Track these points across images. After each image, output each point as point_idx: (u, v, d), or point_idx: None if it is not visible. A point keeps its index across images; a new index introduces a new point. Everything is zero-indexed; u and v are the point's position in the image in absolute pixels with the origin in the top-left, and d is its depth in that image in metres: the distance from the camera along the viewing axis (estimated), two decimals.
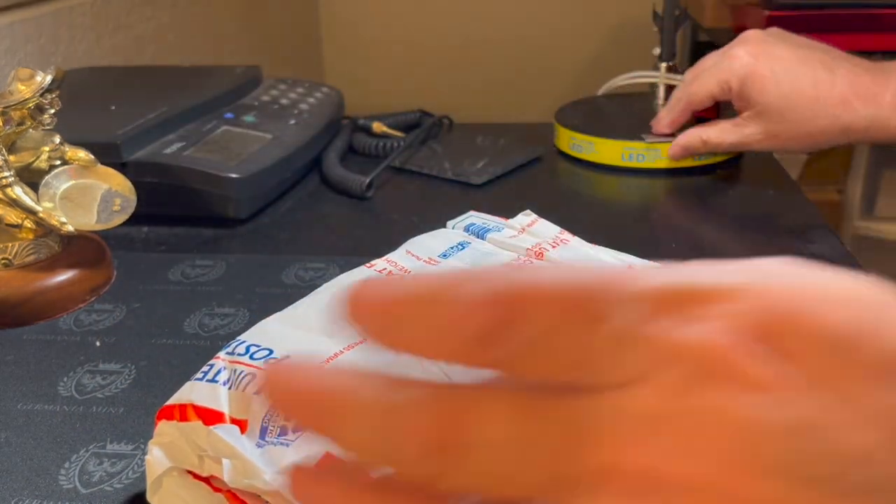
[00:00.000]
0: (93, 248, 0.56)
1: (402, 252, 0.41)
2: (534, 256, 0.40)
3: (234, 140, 0.69)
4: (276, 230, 0.65)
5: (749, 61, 0.65)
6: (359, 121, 0.85)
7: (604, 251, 0.42)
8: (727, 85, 0.66)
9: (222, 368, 0.32)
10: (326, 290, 0.38)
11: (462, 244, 0.41)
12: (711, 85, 0.67)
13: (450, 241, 0.41)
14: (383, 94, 1.57)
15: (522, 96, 1.69)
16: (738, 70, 0.65)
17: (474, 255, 0.40)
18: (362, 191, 0.70)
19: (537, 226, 0.43)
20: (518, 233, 0.42)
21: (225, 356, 0.33)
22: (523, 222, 0.43)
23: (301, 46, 1.64)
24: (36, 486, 0.37)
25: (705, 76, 0.68)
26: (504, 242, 0.41)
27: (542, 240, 0.42)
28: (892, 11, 0.96)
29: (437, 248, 0.40)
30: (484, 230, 0.43)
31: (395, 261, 0.40)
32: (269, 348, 0.33)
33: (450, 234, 0.42)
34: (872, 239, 1.17)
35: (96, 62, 0.91)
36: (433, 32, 1.71)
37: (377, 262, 0.40)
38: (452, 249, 0.40)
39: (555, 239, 0.42)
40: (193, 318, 0.51)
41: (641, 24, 1.03)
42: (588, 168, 0.77)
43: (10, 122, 0.50)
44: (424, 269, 0.38)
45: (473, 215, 0.45)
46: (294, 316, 0.36)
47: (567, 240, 0.42)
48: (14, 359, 0.47)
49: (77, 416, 0.42)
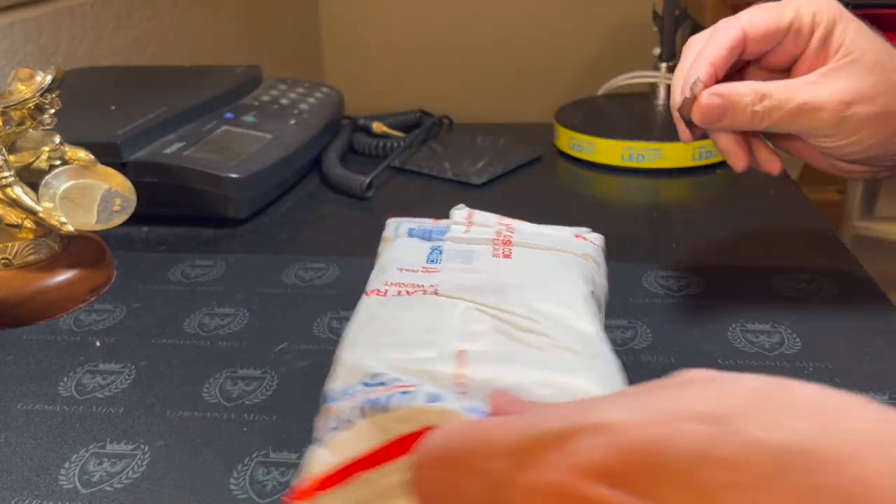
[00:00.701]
0: (93, 248, 0.56)
1: (393, 269, 0.39)
2: (502, 244, 0.42)
3: (234, 140, 0.69)
4: (276, 230, 0.65)
5: (834, 4, 0.46)
6: (359, 121, 0.85)
7: (545, 227, 0.44)
8: (807, 18, 0.44)
9: (344, 412, 0.29)
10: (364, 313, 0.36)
11: (437, 249, 0.41)
12: (776, 14, 0.45)
13: (421, 248, 0.41)
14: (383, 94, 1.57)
15: (522, 96, 1.69)
16: (823, 4, 0.45)
17: (460, 255, 0.40)
18: (362, 191, 0.70)
19: (477, 216, 0.44)
20: (467, 227, 0.43)
21: (341, 403, 0.29)
22: (463, 216, 0.44)
23: (301, 46, 1.64)
24: (36, 486, 0.37)
25: (750, 12, 0.46)
26: (470, 238, 0.42)
27: (493, 228, 0.43)
28: (892, 11, 0.96)
29: (417, 258, 0.40)
30: (436, 231, 0.43)
31: (396, 281, 0.38)
32: (394, 377, 0.30)
33: (413, 243, 0.42)
34: (872, 239, 1.17)
35: (96, 62, 0.91)
36: (433, 32, 1.70)
37: (375, 286, 0.38)
38: (434, 254, 0.40)
39: (500, 225, 0.43)
40: (193, 318, 0.51)
41: (641, 24, 1.04)
42: (588, 168, 0.77)
43: (10, 122, 0.50)
44: (432, 279, 0.37)
45: (404, 221, 0.45)
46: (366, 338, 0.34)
47: (509, 223, 0.44)
48: (14, 359, 0.47)
49: (77, 416, 0.42)
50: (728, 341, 0.46)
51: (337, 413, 0.29)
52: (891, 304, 0.50)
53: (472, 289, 0.36)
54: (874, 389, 0.42)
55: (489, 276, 0.38)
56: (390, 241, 0.43)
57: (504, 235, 0.42)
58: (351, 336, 0.34)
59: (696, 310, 0.50)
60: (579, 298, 0.37)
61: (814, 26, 0.44)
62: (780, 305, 0.50)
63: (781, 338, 0.46)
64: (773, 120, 0.43)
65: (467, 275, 0.38)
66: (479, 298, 0.35)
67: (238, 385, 0.44)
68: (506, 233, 0.43)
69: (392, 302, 0.36)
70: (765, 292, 0.51)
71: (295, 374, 0.45)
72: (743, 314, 0.49)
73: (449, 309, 0.35)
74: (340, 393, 0.30)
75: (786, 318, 0.48)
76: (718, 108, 0.43)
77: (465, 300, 0.35)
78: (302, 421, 0.41)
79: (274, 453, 0.38)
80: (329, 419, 0.29)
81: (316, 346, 0.47)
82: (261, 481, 0.36)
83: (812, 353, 0.45)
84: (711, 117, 0.43)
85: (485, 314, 0.35)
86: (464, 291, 0.36)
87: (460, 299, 0.35)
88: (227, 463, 0.38)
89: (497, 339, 0.33)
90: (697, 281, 0.53)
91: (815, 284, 0.52)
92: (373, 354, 0.32)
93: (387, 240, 0.44)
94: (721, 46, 0.45)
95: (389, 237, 0.44)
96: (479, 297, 0.36)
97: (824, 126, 0.43)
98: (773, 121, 0.43)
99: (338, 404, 0.29)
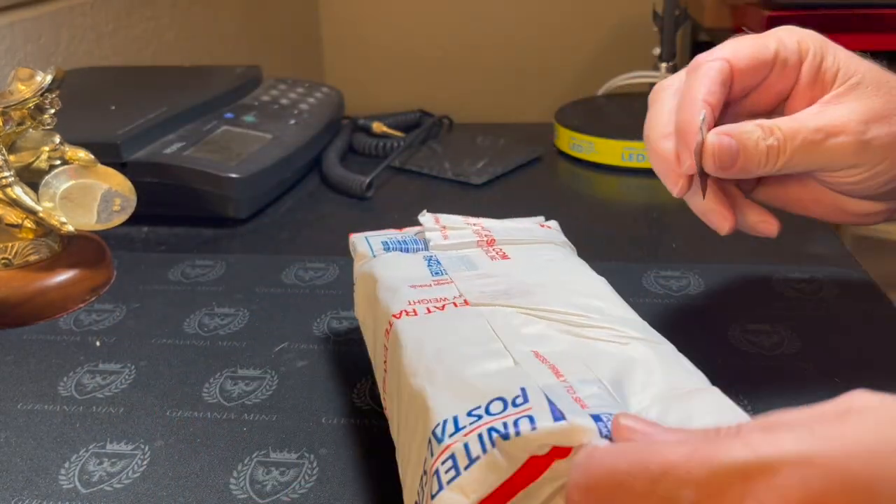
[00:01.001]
0: (93, 248, 0.56)
1: (405, 288, 0.37)
2: (487, 245, 0.42)
3: (234, 140, 0.69)
4: (276, 230, 0.65)
5: (816, 34, 0.41)
6: (359, 121, 0.85)
7: (509, 222, 0.45)
8: (792, 47, 0.39)
9: (466, 448, 0.26)
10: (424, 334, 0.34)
11: (432, 259, 0.40)
12: (758, 44, 0.39)
13: (416, 262, 0.40)
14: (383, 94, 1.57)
15: (522, 96, 1.69)
16: (805, 33, 0.40)
17: (461, 262, 0.40)
18: (362, 191, 0.70)
19: (443, 219, 0.44)
20: (442, 232, 0.43)
21: (458, 439, 0.26)
22: (431, 222, 0.44)
23: (301, 46, 1.64)
24: (36, 486, 0.37)
25: (731, 44, 0.40)
26: (453, 244, 0.42)
27: (467, 230, 0.43)
28: (892, 11, 0.96)
29: (419, 272, 0.39)
30: (410, 241, 0.43)
31: (417, 298, 0.36)
32: (498, 398, 0.27)
33: (402, 258, 0.41)
34: (872, 239, 1.17)
35: (96, 62, 0.91)
36: (433, 32, 1.70)
37: (400, 308, 0.35)
38: (433, 265, 0.40)
39: (470, 225, 0.43)
40: (193, 318, 0.51)
41: (641, 24, 1.04)
42: (588, 168, 0.77)
43: (10, 121, 0.50)
44: (450, 291, 0.37)
45: (371, 235, 0.44)
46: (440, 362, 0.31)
47: (476, 222, 0.44)
48: (14, 359, 0.47)
49: (77, 416, 0.42)
50: (728, 341, 0.46)
51: (457, 450, 0.26)
52: (891, 304, 0.50)
53: (498, 294, 0.35)
54: (874, 390, 0.41)
55: (503, 278, 0.37)
56: (368, 258, 0.42)
57: (484, 236, 0.42)
58: (414, 366, 0.31)
59: (696, 310, 0.50)
60: (602, 286, 0.37)
61: (801, 55, 0.39)
62: (780, 305, 0.50)
63: (781, 338, 0.46)
64: (788, 155, 0.37)
65: (481, 280, 0.37)
66: (512, 302, 0.34)
67: (238, 385, 0.44)
68: (483, 233, 0.42)
69: (429, 321, 0.34)
70: (765, 292, 0.51)
71: (295, 374, 0.45)
72: (743, 314, 0.49)
73: (492, 317, 0.33)
74: (450, 428, 0.27)
75: (786, 318, 0.48)
76: (732, 150, 0.36)
77: (500, 305, 0.34)
78: (302, 421, 0.41)
79: (274, 453, 0.38)
80: (449, 459, 0.26)
81: (316, 346, 0.47)
82: (261, 481, 0.36)
83: (812, 353, 0.45)
84: (725, 161, 0.37)
85: (531, 316, 0.33)
86: (493, 298, 0.35)
87: (497, 306, 0.34)
88: (227, 463, 0.38)
89: (563, 338, 0.32)
90: (697, 281, 0.53)
91: (815, 284, 0.52)
92: (457, 379, 0.29)
93: (363, 256, 0.42)
94: (712, 81, 0.38)
95: (365, 254, 0.42)
96: (512, 300, 0.35)
97: (848, 153, 0.37)
98: (788, 156, 0.37)
99: (455, 441, 0.26)
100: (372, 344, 0.39)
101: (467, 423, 0.26)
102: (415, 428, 0.29)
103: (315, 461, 0.38)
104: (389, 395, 0.35)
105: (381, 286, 0.38)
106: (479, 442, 0.25)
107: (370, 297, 0.39)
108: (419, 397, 0.29)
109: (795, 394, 0.41)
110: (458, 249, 0.41)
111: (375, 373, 0.38)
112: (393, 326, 0.35)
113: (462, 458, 0.25)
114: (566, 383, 0.28)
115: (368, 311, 0.40)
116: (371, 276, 0.40)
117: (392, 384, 0.34)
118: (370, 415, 0.41)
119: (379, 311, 0.37)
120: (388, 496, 0.35)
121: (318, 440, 0.39)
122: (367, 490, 0.36)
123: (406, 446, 0.30)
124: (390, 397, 0.34)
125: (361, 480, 0.36)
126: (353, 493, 0.36)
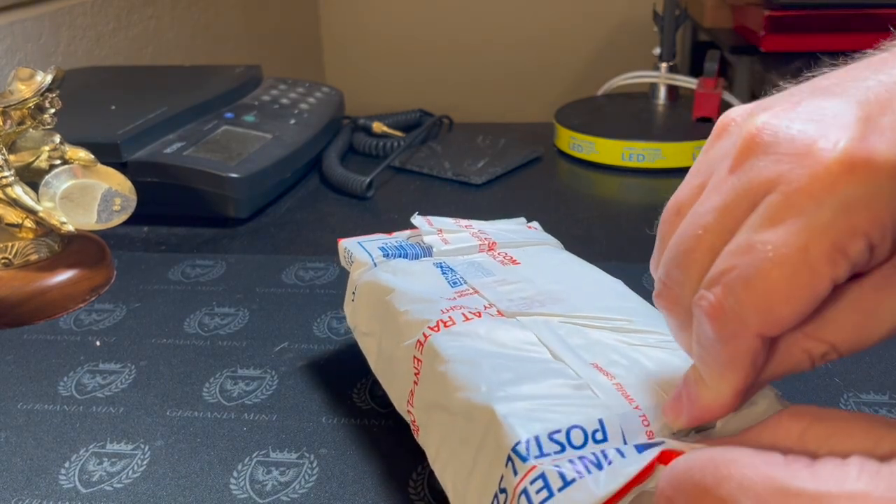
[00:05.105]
0: (93, 247, 0.56)
1: (434, 297, 0.37)
2: (489, 249, 0.42)
3: (235, 140, 0.69)
4: (276, 230, 0.65)
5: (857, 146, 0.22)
6: (359, 121, 0.85)
7: (497, 223, 0.45)
8: (865, 229, 0.22)
9: (556, 469, 0.25)
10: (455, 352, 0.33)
11: (443, 266, 0.40)
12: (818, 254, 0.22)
13: (427, 268, 0.40)
14: (383, 94, 1.57)
15: (522, 96, 1.69)
16: None
17: (475, 269, 0.40)
18: (362, 191, 0.70)
19: (437, 222, 0.44)
20: (437, 233, 0.43)
21: (548, 461, 0.26)
22: (425, 225, 0.43)
23: (301, 46, 1.64)
24: (36, 485, 0.37)
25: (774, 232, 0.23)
26: (456, 249, 0.41)
27: (463, 233, 0.43)
28: (892, 11, 0.96)
29: (436, 279, 0.39)
30: (407, 247, 0.42)
31: (447, 307, 0.35)
32: (577, 425, 0.27)
33: (411, 265, 0.41)
34: None
35: (96, 62, 0.91)
36: (433, 32, 1.71)
37: (436, 318, 0.35)
38: (448, 273, 0.39)
39: (464, 228, 0.43)
40: (193, 317, 0.51)
41: (641, 24, 1.04)
42: (588, 168, 0.77)
43: (10, 121, 0.50)
44: (477, 301, 0.36)
45: (365, 241, 0.44)
46: None
47: (468, 224, 0.44)
48: (14, 359, 0.47)
49: (77, 416, 0.42)
50: None
51: (549, 472, 0.25)
52: None
53: (530, 302, 0.35)
54: (874, 390, 0.42)
55: (526, 284, 0.37)
56: (368, 266, 0.41)
57: (483, 239, 0.42)
58: (468, 380, 0.31)
59: None
60: (621, 287, 0.38)
61: (877, 235, 0.23)
62: None
63: None
64: None
65: (504, 287, 0.37)
66: (548, 310, 0.34)
67: (238, 385, 0.44)
68: (481, 236, 0.42)
69: (469, 333, 0.33)
70: None
71: (295, 374, 0.45)
72: None
73: (535, 327, 0.33)
74: (534, 450, 0.26)
75: None
76: None
77: (537, 315, 0.34)
78: (302, 421, 0.41)
79: (274, 453, 0.38)
80: (539, 479, 0.25)
81: (316, 346, 0.47)
82: (261, 481, 0.36)
83: None
84: None
85: (574, 325, 0.33)
86: (527, 306, 0.35)
87: (535, 315, 0.34)
88: (228, 463, 0.38)
89: (615, 346, 0.32)
90: None
91: None
92: (526, 397, 0.29)
93: (363, 264, 0.42)
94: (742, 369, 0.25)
95: (365, 262, 0.41)
96: (546, 308, 0.34)
97: None
98: None
99: (541, 463, 0.26)
100: (376, 352, 0.39)
101: (551, 451, 0.26)
102: (481, 442, 0.29)
103: (315, 461, 0.38)
104: (420, 406, 0.34)
105: (403, 297, 0.37)
106: (574, 470, 0.25)
107: (379, 306, 0.38)
108: (485, 412, 0.29)
109: (796, 394, 0.41)
110: (463, 255, 0.41)
111: (389, 381, 0.38)
112: (429, 339, 0.34)
113: (555, 481, 0.25)
114: (640, 412, 0.28)
115: (375, 320, 0.39)
116: (380, 286, 0.39)
117: (427, 395, 0.33)
118: (370, 415, 0.41)
119: (401, 321, 0.36)
120: (388, 496, 0.35)
121: (318, 440, 0.39)
122: (367, 490, 0.36)
123: (457, 457, 0.30)
124: (422, 408, 0.34)
125: (361, 480, 0.36)
126: (353, 493, 0.36)
